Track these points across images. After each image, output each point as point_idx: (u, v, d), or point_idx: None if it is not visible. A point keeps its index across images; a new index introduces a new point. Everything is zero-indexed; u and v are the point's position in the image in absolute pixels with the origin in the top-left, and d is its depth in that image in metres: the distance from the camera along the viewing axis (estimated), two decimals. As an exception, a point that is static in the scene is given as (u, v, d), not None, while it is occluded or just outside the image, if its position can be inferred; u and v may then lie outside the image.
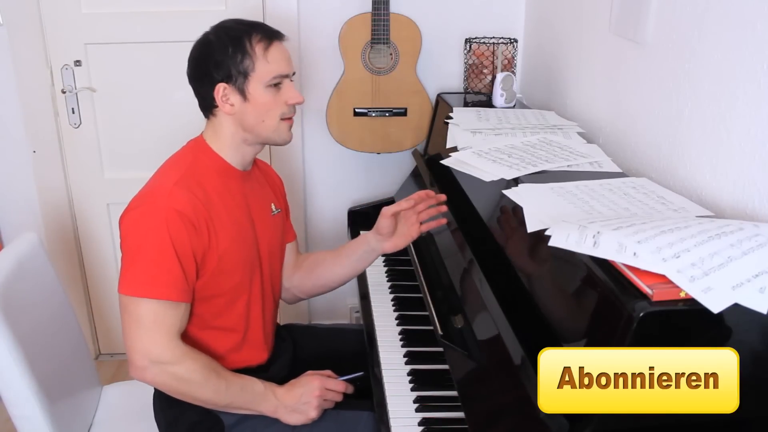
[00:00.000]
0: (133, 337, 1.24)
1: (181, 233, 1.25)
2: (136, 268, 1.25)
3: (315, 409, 1.35)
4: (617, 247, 0.91)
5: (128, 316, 1.25)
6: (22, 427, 1.35)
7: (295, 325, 1.70)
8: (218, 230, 1.31)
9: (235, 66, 1.30)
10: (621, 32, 1.58)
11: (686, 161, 1.32)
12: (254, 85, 1.31)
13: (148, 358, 1.24)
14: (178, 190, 1.27)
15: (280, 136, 1.37)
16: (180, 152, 1.40)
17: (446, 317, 1.36)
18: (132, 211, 1.28)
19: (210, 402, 1.31)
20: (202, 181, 1.32)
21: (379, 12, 2.09)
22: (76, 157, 2.33)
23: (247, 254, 1.39)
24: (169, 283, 1.24)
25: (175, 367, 1.25)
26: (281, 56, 1.34)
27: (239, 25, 1.34)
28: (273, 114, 1.34)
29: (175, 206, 1.25)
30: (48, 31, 2.18)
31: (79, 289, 2.46)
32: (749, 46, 1.13)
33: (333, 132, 2.25)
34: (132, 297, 1.24)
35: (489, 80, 2.09)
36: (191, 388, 1.28)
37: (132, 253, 1.26)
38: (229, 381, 1.31)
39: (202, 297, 1.33)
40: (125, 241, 1.27)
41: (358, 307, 2.14)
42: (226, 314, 1.38)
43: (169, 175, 1.32)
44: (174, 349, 1.25)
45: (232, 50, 1.30)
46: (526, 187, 1.30)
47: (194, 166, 1.34)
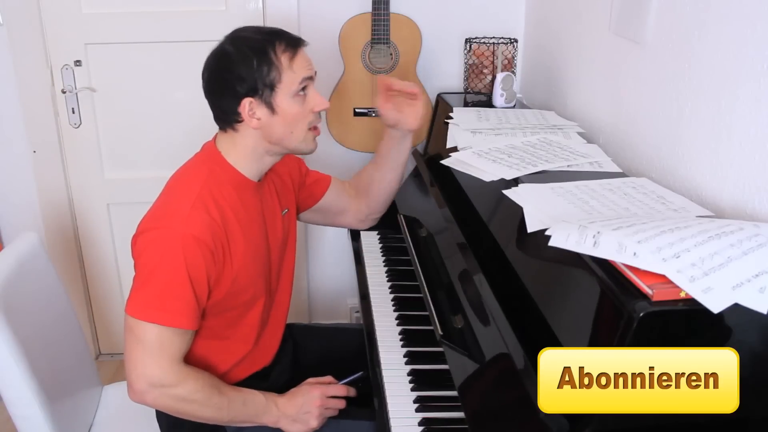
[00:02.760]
0: (135, 360, 1.22)
1: (198, 260, 1.21)
2: (147, 291, 1.21)
3: (316, 419, 1.35)
4: (617, 247, 0.91)
5: (133, 338, 1.22)
6: (22, 427, 1.35)
7: (295, 325, 1.70)
8: (233, 251, 1.29)
9: (261, 79, 1.25)
10: (621, 32, 1.58)
11: (686, 161, 1.32)
12: (281, 96, 1.27)
13: (148, 382, 1.22)
14: (196, 213, 1.23)
15: (307, 146, 1.35)
16: (193, 164, 1.35)
17: (446, 317, 1.36)
18: (147, 232, 1.24)
19: (212, 419, 1.30)
20: (218, 199, 1.28)
21: (379, 12, 2.09)
22: (76, 157, 2.33)
23: (261, 268, 1.38)
24: (180, 310, 1.21)
25: (177, 389, 1.24)
26: (306, 62, 1.30)
27: (259, 34, 1.29)
28: (301, 125, 1.31)
29: (192, 232, 1.21)
30: (48, 31, 2.18)
31: (79, 289, 2.46)
32: (749, 46, 1.13)
33: (333, 132, 2.25)
34: (139, 320, 1.21)
35: (489, 80, 2.09)
36: (193, 408, 1.26)
37: (145, 275, 1.22)
38: (231, 397, 1.30)
39: (213, 312, 1.31)
40: (138, 262, 1.24)
41: (358, 307, 2.14)
42: (237, 326, 1.38)
43: (185, 194, 1.27)
44: (177, 373, 1.23)
45: (257, 62, 1.25)
46: (526, 187, 1.30)
47: (209, 181, 1.29)
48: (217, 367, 1.37)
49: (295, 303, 1.65)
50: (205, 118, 1.39)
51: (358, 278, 1.80)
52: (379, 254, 1.92)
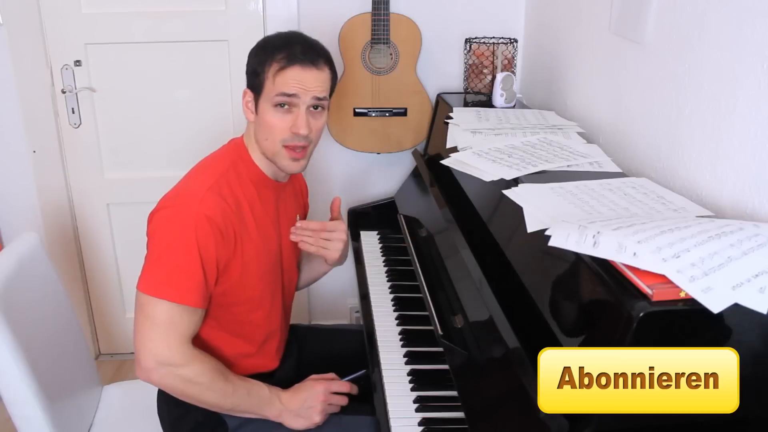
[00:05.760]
0: (145, 337, 1.23)
1: (209, 239, 1.24)
2: (159, 268, 1.24)
3: (319, 414, 1.35)
4: (617, 247, 0.91)
5: (143, 314, 1.24)
6: (22, 427, 1.35)
7: (295, 326, 1.70)
8: (245, 240, 1.31)
9: (252, 78, 1.34)
10: (621, 32, 1.58)
11: (686, 161, 1.32)
12: (263, 102, 1.32)
13: (156, 360, 1.23)
14: (210, 195, 1.26)
15: (281, 161, 1.35)
16: (218, 153, 1.40)
17: (446, 317, 1.36)
18: (162, 210, 1.27)
19: (215, 405, 1.31)
20: (235, 189, 1.32)
21: (379, 12, 2.09)
22: (76, 157, 2.33)
23: (271, 267, 1.40)
24: (190, 287, 1.23)
25: (184, 369, 1.25)
26: (294, 81, 1.29)
27: (278, 39, 1.35)
28: (274, 137, 1.32)
29: (205, 212, 1.24)
30: (48, 31, 2.18)
31: (79, 289, 2.46)
32: (749, 46, 1.13)
33: (333, 132, 2.25)
34: (150, 296, 1.22)
35: (489, 80, 2.09)
36: (198, 390, 1.27)
37: (157, 253, 1.25)
38: (236, 385, 1.31)
39: (220, 303, 1.33)
40: (152, 239, 1.27)
41: (358, 307, 2.14)
42: (243, 323, 1.38)
43: (203, 179, 1.31)
44: (185, 352, 1.24)
45: (255, 63, 1.33)
46: (526, 187, 1.30)
47: (229, 172, 1.33)
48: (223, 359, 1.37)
49: (295, 303, 1.65)
50: (205, 118, 1.39)
51: (358, 278, 1.80)
52: (379, 254, 1.92)
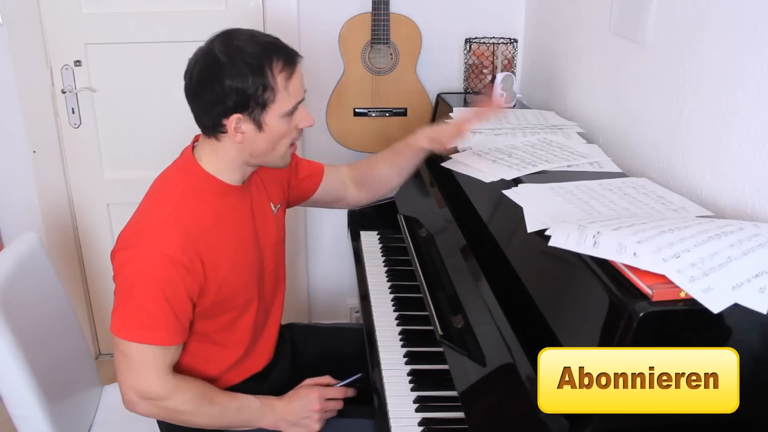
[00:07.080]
0: (123, 375, 1.23)
1: (173, 278, 1.19)
2: (125, 310, 1.21)
3: (317, 423, 1.35)
4: (617, 247, 0.91)
5: (119, 354, 1.23)
6: (22, 427, 1.35)
7: (295, 325, 1.70)
8: (216, 260, 1.26)
9: (255, 98, 1.19)
10: (621, 32, 1.58)
11: (686, 161, 1.32)
12: (271, 115, 1.22)
13: (137, 395, 1.24)
14: (167, 230, 1.20)
15: (284, 161, 1.32)
16: (169, 174, 1.32)
17: (446, 317, 1.36)
18: (122, 251, 1.22)
19: (208, 426, 1.31)
20: (196, 209, 1.25)
21: (379, 12, 2.09)
22: (76, 157, 2.33)
23: (251, 272, 1.36)
24: (159, 327, 1.21)
25: (166, 402, 1.25)
26: (300, 84, 1.25)
27: (255, 46, 1.20)
28: (284, 142, 1.28)
29: (164, 251, 1.18)
30: (48, 31, 2.18)
31: (79, 289, 2.46)
32: (749, 46, 1.13)
33: (333, 132, 2.25)
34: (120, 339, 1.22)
35: (489, 80, 2.09)
36: (186, 417, 1.28)
37: (122, 295, 1.22)
38: (223, 405, 1.30)
39: (206, 316, 1.31)
40: (116, 280, 1.23)
41: (358, 307, 2.14)
42: (231, 329, 1.37)
43: (160, 208, 1.24)
44: (165, 385, 1.24)
45: (252, 80, 1.17)
46: (526, 188, 1.30)
47: (186, 192, 1.26)
48: (211, 372, 1.37)
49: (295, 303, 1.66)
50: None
51: (358, 278, 1.80)
52: (379, 254, 1.92)
